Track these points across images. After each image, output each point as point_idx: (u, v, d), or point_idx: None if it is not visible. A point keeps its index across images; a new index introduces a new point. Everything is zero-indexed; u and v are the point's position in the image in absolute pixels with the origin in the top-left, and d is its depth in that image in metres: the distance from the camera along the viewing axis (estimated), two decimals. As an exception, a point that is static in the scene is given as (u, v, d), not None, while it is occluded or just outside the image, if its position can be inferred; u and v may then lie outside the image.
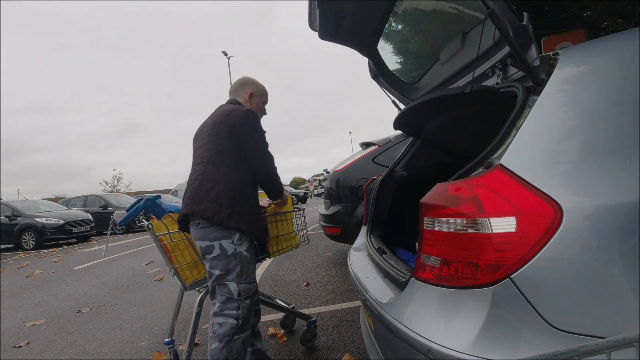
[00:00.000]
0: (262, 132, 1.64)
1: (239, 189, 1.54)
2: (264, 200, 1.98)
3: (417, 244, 0.94)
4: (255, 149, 1.60)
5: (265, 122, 1.73)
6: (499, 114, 1.08)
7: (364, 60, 2.09)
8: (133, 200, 6.76)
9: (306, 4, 1.65)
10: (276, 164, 1.71)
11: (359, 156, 3.82)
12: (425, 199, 0.89)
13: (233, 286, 1.47)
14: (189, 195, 1.55)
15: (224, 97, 1.87)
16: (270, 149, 1.68)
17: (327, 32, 1.79)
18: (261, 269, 4.31)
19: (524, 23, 0.96)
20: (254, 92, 1.79)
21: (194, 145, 1.72)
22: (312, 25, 1.79)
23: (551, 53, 0.94)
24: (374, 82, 2.10)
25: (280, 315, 2.55)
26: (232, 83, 1.85)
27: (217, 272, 1.47)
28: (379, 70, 2.05)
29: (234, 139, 1.56)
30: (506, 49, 1.18)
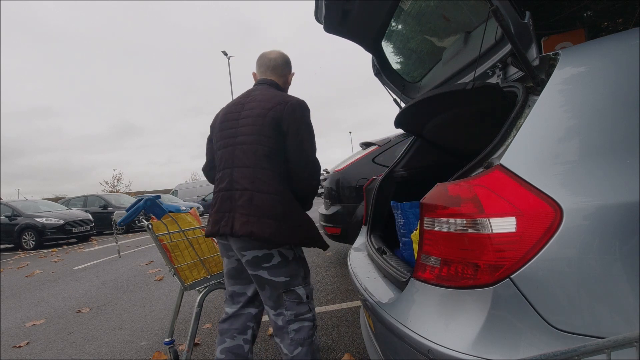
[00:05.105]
0: (313, 131, 1.44)
1: (292, 198, 1.40)
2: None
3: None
4: (303, 150, 1.40)
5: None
6: (499, 113, 1.08)
7: (368, 62, 2.09)
8: (133, 200, 6.76)
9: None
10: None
11: (359, 156, 3.82)
12: (425, 199, 0.89)
13: (301, 290, 1.42)
14: (244, 211, 1.32)
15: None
16: None
17: (333, 25, 1.76)
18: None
19: (526, 21, 0.96)
20: (294, 74, 1.60)
21: (221, 132, 1.47)
22: (317, 17, 1.77)
23: (551, 53, 0.93)
24: (372, 85, 2.10)
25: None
26: (270, 55, 1.54)
27: (282, 280, 1.38)
28: (382, 68, 2.05)
29: (281, 137, 1.38)
30: (507, 48, 1.18)
